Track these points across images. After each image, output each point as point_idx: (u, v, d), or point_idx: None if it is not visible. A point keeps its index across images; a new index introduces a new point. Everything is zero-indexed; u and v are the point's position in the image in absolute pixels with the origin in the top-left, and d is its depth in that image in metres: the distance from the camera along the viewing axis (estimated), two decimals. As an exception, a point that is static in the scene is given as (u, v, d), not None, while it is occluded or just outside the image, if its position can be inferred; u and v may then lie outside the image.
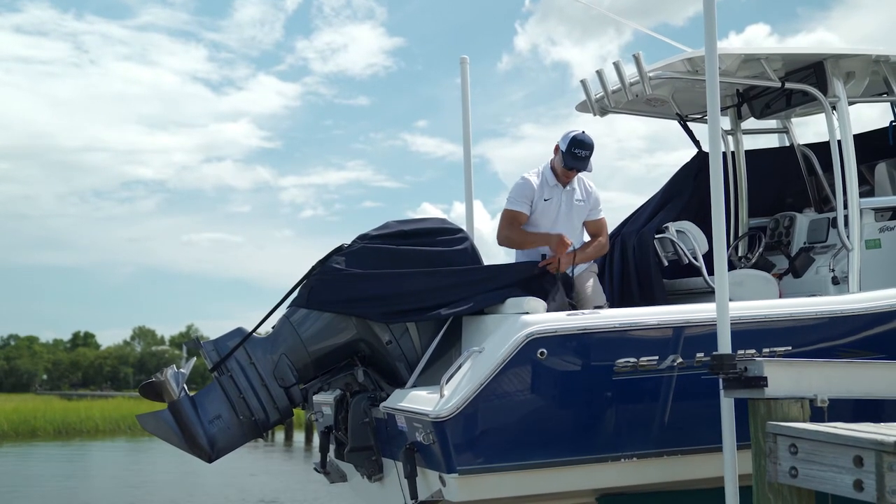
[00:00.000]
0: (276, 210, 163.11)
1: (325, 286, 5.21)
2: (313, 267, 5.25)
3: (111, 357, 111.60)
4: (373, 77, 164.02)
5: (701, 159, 6.79)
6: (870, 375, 4.52)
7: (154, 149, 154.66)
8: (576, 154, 5.61)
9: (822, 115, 6.05)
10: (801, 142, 7.20)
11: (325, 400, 5.69)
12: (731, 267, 6.06)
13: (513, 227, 5.75)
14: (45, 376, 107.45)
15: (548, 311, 5.08)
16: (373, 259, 5.24)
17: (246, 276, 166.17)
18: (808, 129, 7.36)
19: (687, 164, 7.04)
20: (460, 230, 5.54)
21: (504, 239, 5.81)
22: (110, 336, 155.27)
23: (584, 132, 5.66)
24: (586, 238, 5.95)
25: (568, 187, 5.80)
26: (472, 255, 5.41)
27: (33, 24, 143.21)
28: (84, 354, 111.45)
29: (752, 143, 7.31)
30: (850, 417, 4.19)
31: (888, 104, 6.43)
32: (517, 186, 5.81)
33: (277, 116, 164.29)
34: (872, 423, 3.89)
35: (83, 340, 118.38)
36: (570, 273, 5.57)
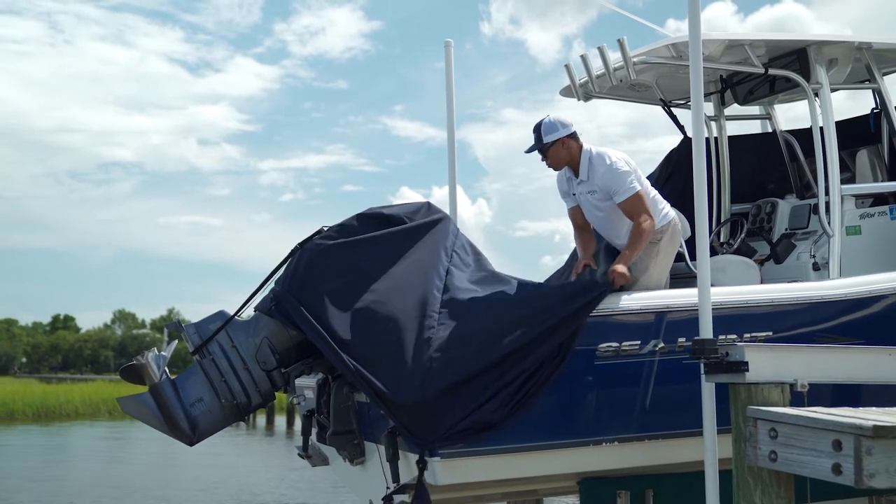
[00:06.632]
0: (256, 193, 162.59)
1: (288, 307, 5.00)
2: (294, 249, 5.20)
3: (91, 340, 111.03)
4: (352, 60, 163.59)
5: (687, 145, 6.80)
6: (849, 360, 4.56)
7: (131, 130, 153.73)
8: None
9: (803, 101, 6.06)
10: (784, 128, 7.22)
11: (307, 383, 5.66)
12: (714, 253, 6.08)
13: (574, 228, 5.65)
14: (24, 359, 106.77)
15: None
16: (350, 254, 5.14)
17: (226, 259, 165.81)
18: (785, 114, 7.37)
19: (674, 149, 7.05)
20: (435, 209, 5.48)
21: None
22: (90, 319, 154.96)
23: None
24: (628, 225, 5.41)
25: (580, 177, 5.42)
26: (452, 227, 5.36)
27: (6, 2, 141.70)
28: (64, 337, 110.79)
29: (735, 128, 7.33)
30: (829, 402, 4.23)
31: (870, 91, 6.45)
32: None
33: (256, 99, 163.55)
34: (851, 408, 3.91)
35: (63, 323, 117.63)
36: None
